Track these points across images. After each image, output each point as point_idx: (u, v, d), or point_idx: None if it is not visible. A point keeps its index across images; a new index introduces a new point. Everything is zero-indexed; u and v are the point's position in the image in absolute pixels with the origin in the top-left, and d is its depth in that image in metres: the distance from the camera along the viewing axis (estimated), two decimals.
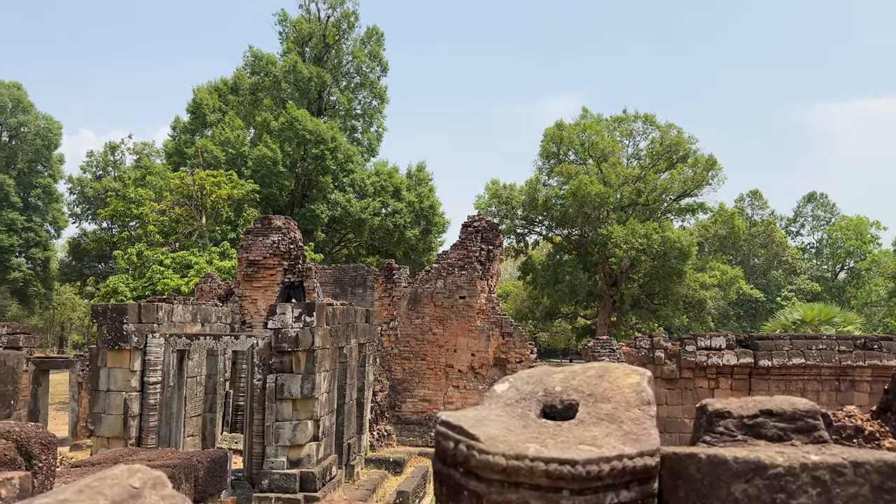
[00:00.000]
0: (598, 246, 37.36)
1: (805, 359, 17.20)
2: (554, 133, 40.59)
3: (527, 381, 1.76)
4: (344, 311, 13.10)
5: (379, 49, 42.90)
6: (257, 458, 11.50)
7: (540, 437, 1.50)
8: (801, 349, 17.41)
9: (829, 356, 17.20)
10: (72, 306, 60.18)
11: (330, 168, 37.35)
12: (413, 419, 16.83)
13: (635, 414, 1.60)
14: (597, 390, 1.68)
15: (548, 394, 1.72)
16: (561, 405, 1.68)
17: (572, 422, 1.60)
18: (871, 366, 17.06)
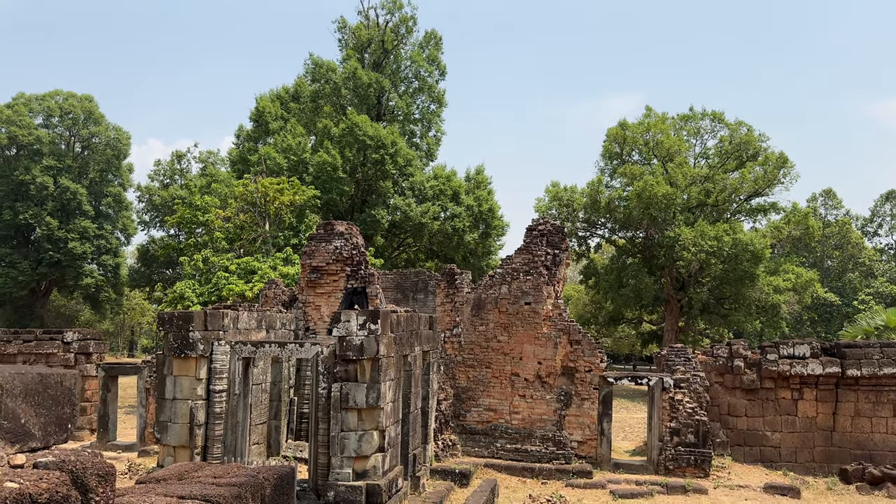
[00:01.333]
0: (664, 249, 36.13)
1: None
2: (617, 133, 39.54)
3: None
4: (408, 318, 12.77)
5: (437, 53, 42.72)
6: (322, 469, 11.25)
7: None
8: (893, 358, 16.19)
9: None
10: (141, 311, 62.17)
11: (389, 173, 37.32)
12: (478, 429, 16.36)
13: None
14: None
15: None
16: None
17: None
18: None
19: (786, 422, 16.65)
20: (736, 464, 16.14)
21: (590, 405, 16.00)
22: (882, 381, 16.20)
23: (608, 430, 15.90)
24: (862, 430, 16.33)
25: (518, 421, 16.23)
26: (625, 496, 13.46)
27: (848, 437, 16.36)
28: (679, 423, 15.38)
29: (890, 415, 16.27)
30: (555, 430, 15.96)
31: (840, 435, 16.41)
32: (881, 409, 16.29)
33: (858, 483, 15.19)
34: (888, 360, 16.16)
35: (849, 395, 16.47)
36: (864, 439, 16.29)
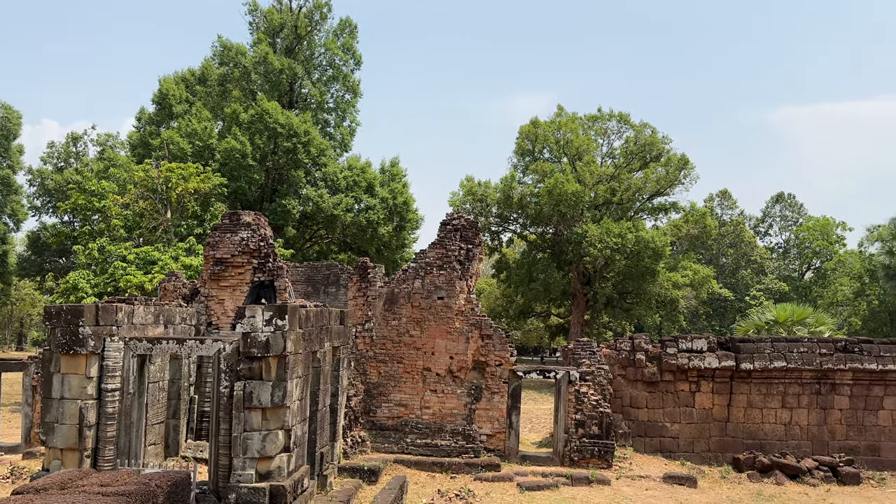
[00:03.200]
0: (572, 245, 37.09)
1: (786, 362, 16.98)
2: (529, 130, 40.21)
3: None
4: (318, 312, 12.42)
5: (352, 41, 42.02)
6: (224, 471, 10.76)
7: None
8: (783, 352, 17.20)
9: (811, 359, 17.01)
10: (31, 302, 58.19)
11: (302, 162, 36.41)
12: (389, 425, 16.18)
13: None
14: None
15: None
16: None
17: None
18: (853, 369, 16.90)
19: (684, 413, 17.38)
20: (637, 454, 16.71)
21: (499, 399, 16.14)
22: (772, 373, 17.16)
23: (516, 424, 16.10)
24: (753, 421, 17.26)
25: (429, 416, 16.18)
26: (531, 488, 13.65)
27: (741, 428, 17.25)
28: (584, 415, 15.76)
29: (779, 406, 17.27)
30: (465, 425, 16.01)
31: (734, 425, 17.28)
32: (771, 401, 17.27)
33: (750, 471, 16.05)
34: (778, 353, 17.14)
35: (742, 387, 17.35)
36: (755, 429, 17.23)
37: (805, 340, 17.55)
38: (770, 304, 37.52)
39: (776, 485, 15.26)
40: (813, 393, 17.24)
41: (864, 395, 17.25)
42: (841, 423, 17.18)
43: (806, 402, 17.22)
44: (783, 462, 15.95)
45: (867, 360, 16.99)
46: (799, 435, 17.14)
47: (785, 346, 17.32)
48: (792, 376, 17.16)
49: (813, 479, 15.52)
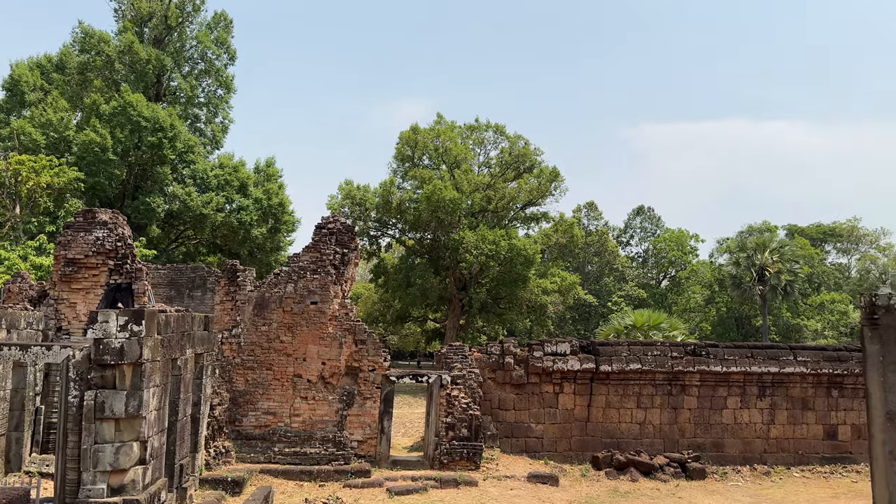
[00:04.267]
0: (449, 251, 37.71)
1: (642, 364, 18.13)
2: (409, 136, 40.52)
3: None
4: (179, 318, 11.85)
5: (227, 36, 40.56)
6: (72, 485, 10.01)
7: None
8: (638, 355, 18.34)
9: (663, 362, 18.26)
10: None
11: (168, 158, 34.63)
12: (256, 434, 15.69)
13: None
14: None
15: None
16: None
17: None
18: (700, 371, 18.32)
19: (548, 414, 18.12)
20: (504, 455, 17.22)
21: (372, 404, 16.10)
22: (628, 375, 18.26)
23: (388, 429, 16.12)
24: (611, 420, 18.28)
25: (298, 423, 15.85)
26: (401, 493, 13.72)
27: (600, 427, 18.22)
28: (454, 418, 16.05)
29: (634, 406, 18.40)
30: (336, 431, 15.83)
31: (594, 425, 18.22)
32: (627, 401, 18.38)
33: (607, 469, 16.97)
34: (634, 356, 18.28)
35: (602, 388, 18.34)
36: (613, 428, 18.26)
37: (658, 344, 18.83)
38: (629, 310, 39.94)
39: (631, 481, 16.24)
40: (665, 393, 18.52)
41: (710, 395, 18.74)
42: (689, 422, 18.56)
43: (659, 402, 18.46)
44: (637, 460, 17.00)
45: (713, 362, 18.48)
46: (652, 433, 18.35)
47: (640, 349, 18.51)
48: (646, 378, 18.34)
49: (664, 475, 16.65)
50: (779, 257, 45.36)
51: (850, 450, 18.86)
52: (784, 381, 18.80)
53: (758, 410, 18.79)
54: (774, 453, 18.64)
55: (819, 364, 18.79)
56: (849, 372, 18.69)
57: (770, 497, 15.45)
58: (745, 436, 18.63)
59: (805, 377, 18.78)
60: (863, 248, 65.84)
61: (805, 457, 18.70)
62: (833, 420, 19.04)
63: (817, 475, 17.80)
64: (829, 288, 57.38)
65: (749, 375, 18.60)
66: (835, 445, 18.94)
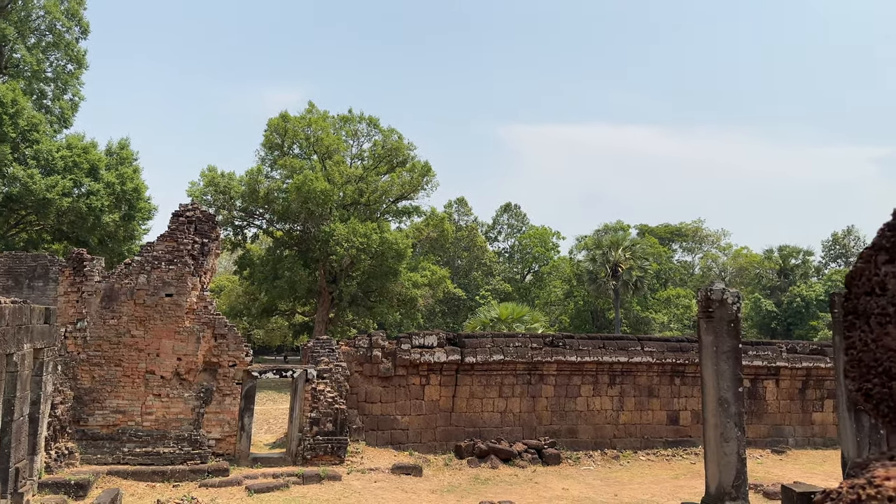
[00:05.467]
0: (319, 243, 37.11)
1: (504, 355, 18.79)
2: (278, 124, 39.41)
3: None
4: (15, 310, 10.85)
5: (78, 8, 37.48)
6: None
7: None
8: (501, 346, 18.99)
9: (524, 353, 19.02)
10: None
11: (8, 136, 31.48)
12: (103, 434, 14.67)
13: None
14: None
15: None
16: None
17: None
18: (557, 361, 19.25)
19: (414, 405, 18.35)
20: (370, 448, 17.25)
21: (231, 401, 15.56)
22: (492, 366, 18.86)
23: (249, 425, 15.65)
24: (475, 410, 18.81)
25: (151, 422, 15.01)
26: (260, 490, 13.38)
27: (464, 417, 18.70)
28: (319, 412, 15.86)
29: (496, 395, 19.04)
30: (192, 430, 15.15)
31: (458, 415, 18.67)
32: (490, 391, 18.98)
33: (470, 457, 17.45)
34: (497, 348, 18.90)
35: (466, 379, 18.82)
36: (476, 418, 18.79)
37: (520, 336, 19.60)
38: (495, 303, 41.27)
39: (491, 468, 16.80)
40: (525, 383, 19.30)
41: (566, 384, 19.75)
42: (547, 410, 19.46)
43: (519, 392, 19.22)
44: (498, 447, 17.62)
45: (569, 353, 19.48)
46: (513, 421, 19.07)
47: (503, 340, 19.17)
48: (508, 368, 19.03)
49: (522, 462, 17.37)
50: (631, 254, 48.51)
51: (690, 434, 20.58)
52: (632, 370, 20.16)
53: (608, 398, 20.04)
54: (623, 438, 19.97)
55: (664, 354, 20.32)
56: (689, 361, 20.36)
57: (618, 479, 16.54)
58: (597, 422, 19.82)
59: (651, 366, 20.25)
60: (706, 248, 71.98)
61: (650, 441, 20.19)
62: (675, 406, 20.67)
63: (661, 458, 19.27)
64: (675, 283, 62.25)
65: (601, 365, 19.78)
66: (677, 430, 20.59)
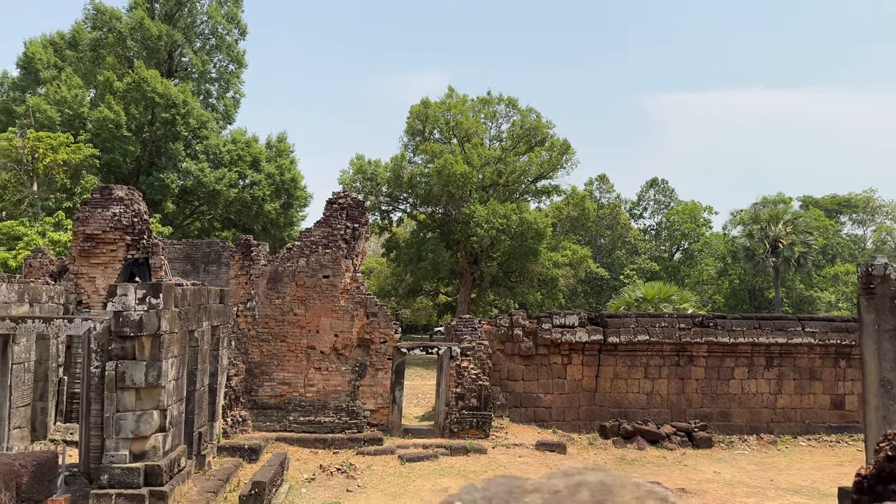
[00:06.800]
0: (460, 224, 37.90)
1: (649, 335, 18.37)
2: (420, 111, 40.50)
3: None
4: (195, 291, 12.22)
5: (237, 10, 40.55)
6: (95, 452, 10.48)
7: None
8: (646, 326, 18.57)
9: (671, 333, 18.49)
10: None
11: (181, 134, 34.92)
12: (271, 403, 16.16)
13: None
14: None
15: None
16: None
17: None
18: (707, 342, 18.54)
19: (556, 384, 18.46)
20: (513, 424, 17.61)
21: (383, 375, 16.50)
22: (636, 346, 18.52)
23: (400, 398, 16.54)
24: (619, 391, 18.60)
25: (312, 393, 16.30)
26: (412, 459, 14.14)
27: (608, 397, 18.55)
28: (464, 388, 16.42)
29: (642, 376, 18.70)
30: (349, 401, 16.27)
31: (601, 395, 18.55)
32: (635, 372, 18.67)
33: (615, 437, 17.33)
34: (641, 328, 18.51)
35: (609, 359, 18.63)
36: (620, 398, 18.58)
37: (666, 316, 19.05)
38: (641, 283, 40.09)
39: (638, 449, 16.58)
40: (673, 364, 18.78)
41: (718, 365, 18.98)
42: (697, 392, 18.83)
43: (666, 373, 18.74)
44: (644, 428, 17.33)
45: (721, 333, 18.67)
46: (660, 403, 18.65)
47: (648, 321, 18.74)
48: (654, 349, 18.60)
49: (670, 444, 16.98)
50: (792, 229, 45.14)
51: (857, 419, 19.06)
52: (792, 352, 18.98)
53: (765, 381, 19.02)
54: (781, 423, 18.91)
55: (827, 335, 18.94)
56: (857, 342, 18.81)
57: (775, 464, 15.74)
58: (752, 405, 18.89)
59: (813, 348, 18.95)
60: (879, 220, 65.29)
61: (812, 426, 18.95)
62: (840, 390, 19.24)
63: (823, 444, 18.06)
64: (844, 259, 57.10)
65: (756, 346, 18.79)
66: (842, 415, 19.17)
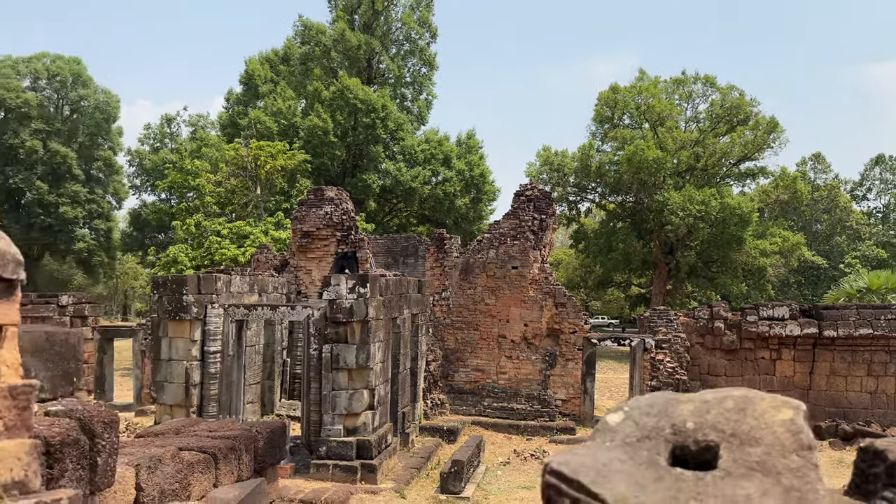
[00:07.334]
0: (653, 213, 36.51)
1: (873, 329, 16.50)
2: (608, 97, 39.55)
3: (646, 411, 1.48)
4: (396, 282, 13.12)
5: (428, 14, 42.35)
6: (314, 426, 11.71)
7: (681, 497, 1.25)
8: (869, 319, 16.71)
9: None
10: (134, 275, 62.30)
11: (380, 137, 37.33)
12: (466, 388, 16.87)
13: (794, 462, 1.25)
14: (740, 429, 1.33)
15: (677, 431, 1.35)
16: (695, 447, 1.34)
17: (716, 473, 1.27)
18: None
19: (764, 381, 17.21)
20: None
21: (574, 365, 16.51)
22: (857, 341, 16.72)
23: (591, 389, 16.44)
24: (836, 389, 16.92)
25: (504, 381, 16.75)
26: None
27: (823, 395, 16.96)
28: (659, 381, 15.91)
29: (864, 374, 16.84)
30: (540, 389, 16.49)
31: (815, 393, 17.00)
32: (856, 369, 16.86)
33: (831, 439, 15.81)
34: (863, 321, 16.67)
35: (825, 354, 17.01)
36: (838, 397, 16.89)
37: (893, 307, 16.96)
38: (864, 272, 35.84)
39: None
40: None
41: None
42: None
43: (893, 371, 16.71)
44: (867, 430, 15.61)
45: None
46: (885, 403, 16.68)
47: (871, 313, 16.82)
48: (879, 344, 16.66)
49: None
50: None
51: None
52: None
53: None
54: None
55: None
56: None
57: None
58: None
59: None
60: None
61: None
62: None
63: None
64: None
65: None
66: None
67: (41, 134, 47.68)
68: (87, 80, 50.93)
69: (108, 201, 53.05)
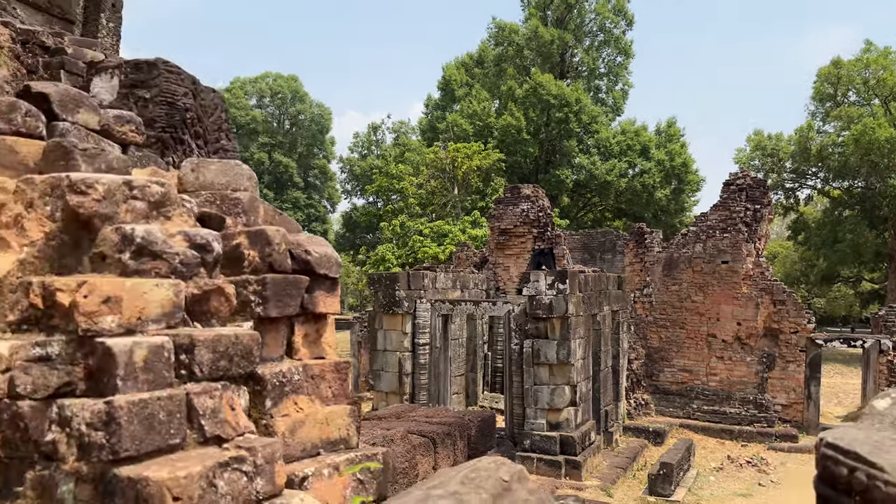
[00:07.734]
0: (887, 199, 32.30)
1: None
2: (830, 72, 35.60)
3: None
4: (596, 278, 12.94)
5: (624, 2, 41.10)
6: (518, 419, 11.95)
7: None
8: None
9: None
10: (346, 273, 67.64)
11: (574, 131, 36.95)
12: (672, 389, 16.17)
13: None
14: None
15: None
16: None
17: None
18: None
19: None
20: None
21: (795, 368, 15.14)
22: None
23: (816, 394, 14.96)
24: None
25: (715, 383, 15.81)
26: None
27: None
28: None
29: None
30: (756, 393, 15.34)
31: None
32: None
33: None
34: None
35: None
36: None
37: None
38: None
39: None
40: None
41: None
42: None
43: None
44: None
45: None
46: None
47: None
48: None
49: None
50: None
51: None
52: None
53: None
54: None
55: None
56: None
57: None
58: None
59: None
60: None
61: None
62: None
63: None
64: None
65: None
66: None
67: (266, 147, 53.52)
68: (303, 95, 56.24)
69: (323, 206, 58.16)
